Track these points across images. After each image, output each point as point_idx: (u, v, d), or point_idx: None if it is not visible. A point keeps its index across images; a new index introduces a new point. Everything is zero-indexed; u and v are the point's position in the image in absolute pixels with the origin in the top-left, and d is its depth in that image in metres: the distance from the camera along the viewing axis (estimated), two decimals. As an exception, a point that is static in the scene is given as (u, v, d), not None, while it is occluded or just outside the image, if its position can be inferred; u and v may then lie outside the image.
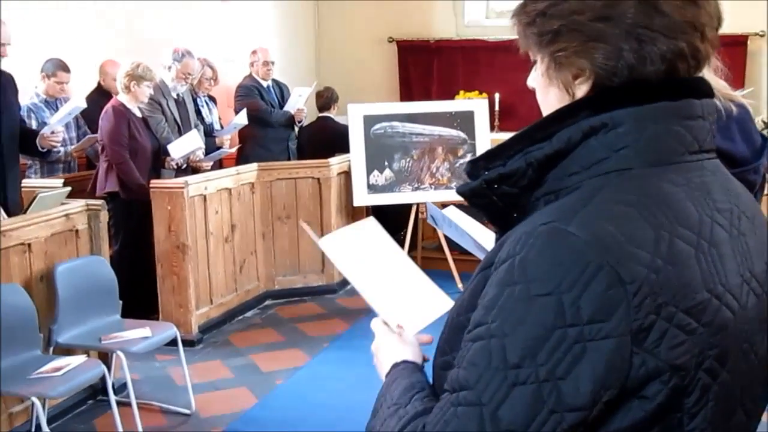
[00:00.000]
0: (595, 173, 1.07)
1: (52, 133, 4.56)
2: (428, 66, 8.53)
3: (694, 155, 1.10)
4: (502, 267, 1.03)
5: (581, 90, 1.12)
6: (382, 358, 1.38)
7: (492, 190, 1.14)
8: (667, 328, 0.97)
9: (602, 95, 1.10)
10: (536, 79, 1.19)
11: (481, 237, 2.27)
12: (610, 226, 1.00)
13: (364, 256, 1.58)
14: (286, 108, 6.80)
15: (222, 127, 6.69)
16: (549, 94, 1.17)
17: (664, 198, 1.04)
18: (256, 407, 4.45)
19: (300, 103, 6.87)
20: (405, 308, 1.52)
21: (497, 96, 7.84)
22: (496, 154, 1.15)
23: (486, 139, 6.66)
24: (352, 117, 6.60)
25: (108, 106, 5.50)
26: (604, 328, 0.95)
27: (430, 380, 1.24)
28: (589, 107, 1.10)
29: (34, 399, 3.50)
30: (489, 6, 8.57)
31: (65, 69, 6.17)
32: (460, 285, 6.44)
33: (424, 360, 1.37)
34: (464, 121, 6.69)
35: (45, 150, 4.67)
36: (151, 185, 5.36)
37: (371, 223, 1.69)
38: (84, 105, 5.21)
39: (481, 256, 2.31)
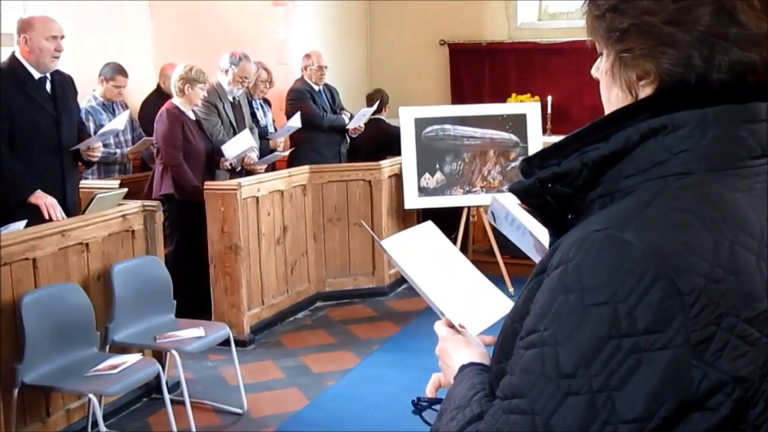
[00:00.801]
0: (653, 176, 1.05)
1: (89, 148, 4.61)
2: (480, 69, 8.49)
3: (756, 160, 1.06)
4: (554, 273, 1.02)
5: (645, 92, 1.09)
6: (450, 362, 1.36)
7: (545, 189, 1.12)
8: (728, 339, 0.94)
9: (663, 97, 1.08)
10: (600, 74, 1.17)
11: (541, 236, 2.24)
12: (668, 234, 0.97)
13: (424, 257, 1.58)
14: (350, 125, 6.81)
15: (276, 129, 6.74)
16: (612, 93, 1.15)
17: (724, 204, 1.01)
18: (307, 408, 4.48)
19: (362, 122, 6.89)
20: (466, 309, 1.51)
21: (550, 99, 7.78)
22: (551, 152, 1.13)
23: (538, 142, 6.61)
24: (404, 120, 6.61)
25: (162, 110, 5.58)
26: (661, 339, 0.93)
27: None
28: (648, 108, 1.08)
29: (91, 396, 3.56)
30: (542, 8, 8.51)
31: (123, 73, 6.30)
32: (511, 289, 6.39)
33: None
34: (516, 123, 6.66)
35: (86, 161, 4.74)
36: (204, 187, 5.43)
37: (430, 226, 1.68)
38: (122, 127, 5.26)
39: (536, 260, 2.29)
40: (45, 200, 4.25)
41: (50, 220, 4.19)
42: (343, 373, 4.94)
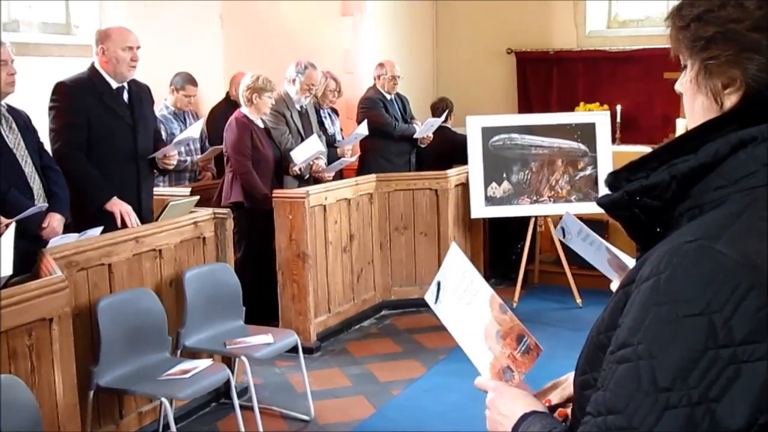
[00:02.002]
0: (743, 188, 1.04)
1: (165, 156, 4.70)
2: (547, 77, 8.42)
3: None
4: (645, 285, 1.01)
5: (730, 100, 1.09)
6: (506, 411, 1.34)
7: (633, 203, 1.12)
8: None
9: (751, 108, 1.07)
10: (684, 84, 1.17)
11: (618, 251, 2.21)
12: (760, 244, 0.97)
13: (462, 312, 1.58)
14: (418, 134, 6.80)
15: (344, 138, 6.79)
16: (696, 102, 1.14)
17: None
18: (373, 417, 4.49)
19: (430, 131, 6.89)
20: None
21: (619, 108, 7.67)
22: (638, 165, 1.13)
23: (607, 151, 6.53)
24: (471, 129, 6.59)
25: (231, 119, 5.67)
26: (759, 350, 0.92)
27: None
28: (737, 120, 1.07)
29: (164, 399, 3.63)
30: (611, 15, 8.40)
31: (193, 83, 6.45)
32: (579, 300, 6.32)
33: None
34: (585, 133, 6.58)
35: (161, 168, 4.82)
36: (273, 195, 5.50)
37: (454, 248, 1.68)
38: (197, 135, 5.32)
39: (609, 275, 2.26)
40: (121, 207, 4.35)
41: (125, 226, 4.29)
42: (410, 382, 4.94)
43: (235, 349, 4.19)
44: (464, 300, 1.54)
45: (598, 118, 6.69)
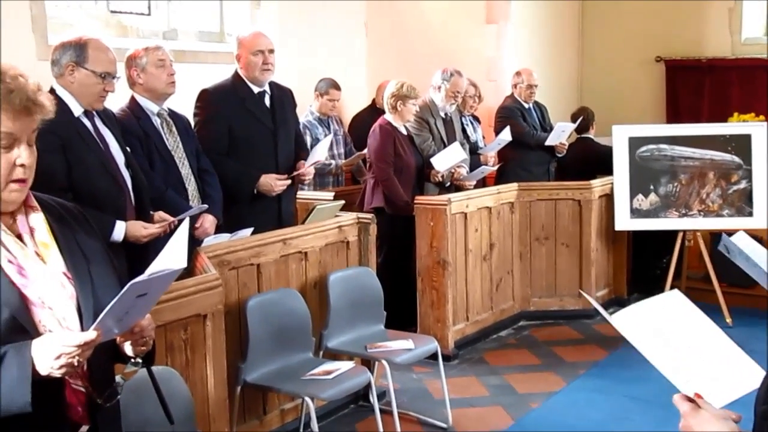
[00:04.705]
0: None
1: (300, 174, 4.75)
2: (699, 86, 8.09)
3: None
4: None
5: None
6: None
7: None
8: None
9: None
10: None
11: None
12: None
13: (662, 329, 1.51)
14: (548, 142, 6.69)
15: (485, 146, 6.75)
16: None
17: None
18: (511, 429, 4.42)
19: (562, 138, 6.76)
20: (711, 380, 1.42)
21: (776, 119, 7.28)
22: None
23: (764, 165, 6.20)
24: (617, 139, 6.41)
25: (375, 125, 5.72)
26: None
27: None
28: None
29: (307, 398, 3.70)
30: (770, 22, 8.00)
31: (337, 87, 6.57)
32: (728, 320, 6.03)
33: None
34: (740, 145, 6.28)
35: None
36: (415, 201, 5.52)
37: (676, 294, 1.63)
38: (323, 158, 5.05)
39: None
40: (271, 180, 4.47)
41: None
42: (548, 396, 4.84)
43: (376, 353, 4.23)
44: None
45: (755, 129, 6.37)
